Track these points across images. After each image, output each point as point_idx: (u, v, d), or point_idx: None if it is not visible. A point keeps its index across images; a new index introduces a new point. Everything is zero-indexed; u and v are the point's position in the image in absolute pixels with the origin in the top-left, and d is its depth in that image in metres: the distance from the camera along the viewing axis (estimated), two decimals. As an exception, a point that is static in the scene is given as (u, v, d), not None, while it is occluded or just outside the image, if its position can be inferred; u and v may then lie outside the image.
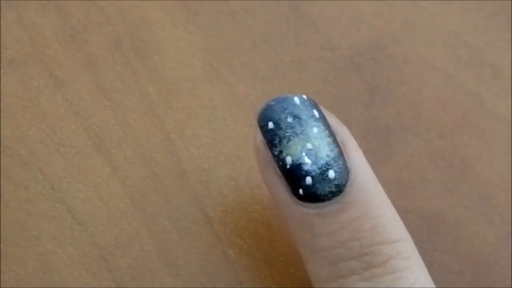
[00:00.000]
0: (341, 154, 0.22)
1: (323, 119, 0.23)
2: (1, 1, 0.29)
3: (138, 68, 0.28)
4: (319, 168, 0.22)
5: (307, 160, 0.22)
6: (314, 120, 0.22)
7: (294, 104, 0.23)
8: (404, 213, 0.27)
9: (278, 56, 0.29)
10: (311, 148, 0.22)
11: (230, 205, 0.27)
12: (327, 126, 0.23)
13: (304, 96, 0.23)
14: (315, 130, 0.22)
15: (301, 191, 0.22)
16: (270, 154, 0.22)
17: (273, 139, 0.22)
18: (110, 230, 0.26)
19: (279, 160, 0.22)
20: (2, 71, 0.28)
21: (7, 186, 0.27)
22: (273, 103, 0.23)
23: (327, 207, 0.22)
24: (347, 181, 0.22)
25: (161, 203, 0.27)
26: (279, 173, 0.22)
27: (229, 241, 0.26)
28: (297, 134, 0.22)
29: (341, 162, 0.22)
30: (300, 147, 0.22)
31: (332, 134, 0.22)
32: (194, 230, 0.26)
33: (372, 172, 0.23)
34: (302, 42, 0.29)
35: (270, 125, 0.22)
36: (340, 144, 0.22)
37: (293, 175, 0.22)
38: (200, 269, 0.26)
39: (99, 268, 0.26)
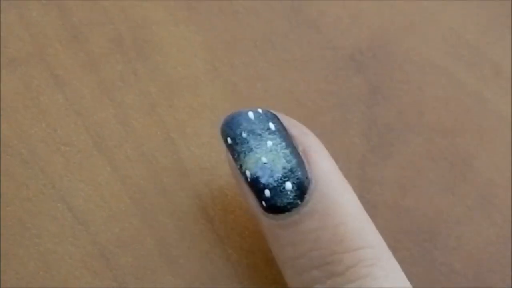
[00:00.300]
0: (300, 164, 0.22)
1: (279, 131, 0.23)
2: (3, 1, 0.29)
3: (139, 67, 0.28)
4: (275, 181, 0.22)
5: (262, 173, 0.22)
6: (269, 134, 0.23)
7: (248, 119, 0.23)
8: (405, 212, 0.27)
9: (279, 55, 0.29)
10: (265, 162, 0.22)
11: (231, 204, 0.27)
12: (284, 138, 0.23)
13: (260, 110, 0.23)
14: (269, 143, 0.22)
15: (263, 203, 0.22)
16: (237, 170, 0.23)
17: (233, 154, 0.23)
18: (111, 229, 0.26)
19: (241, 174, 0.23)
20: (3, 70, 0.28)
21: (8, 185, 0.27)
22: (229, 119, 0.23)
23: (287, 218, 0.22)
24: (306, 191, 0.22)
25: (162, 202, 0.27)
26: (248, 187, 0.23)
27: (229, 240, 0.26)
28: (251, 149, 0.22)
29: (299, 173, 0.22)
30: (256, 162, 0.22)
31: (290, 146, 0.23)
32: (195, 229, 0.26)
33: (340, 179, 0.23)
34: (304, 42, 0.29)
35: (229, 140, 0.23)
36: (301, 154, 0.23)
37: (254, 188, 0.22)
38: (201, 267, 0.26)
39: (100, 267, 0.26)
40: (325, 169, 0.23)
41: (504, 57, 0.29)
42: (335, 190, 0.22)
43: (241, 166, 0.23)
